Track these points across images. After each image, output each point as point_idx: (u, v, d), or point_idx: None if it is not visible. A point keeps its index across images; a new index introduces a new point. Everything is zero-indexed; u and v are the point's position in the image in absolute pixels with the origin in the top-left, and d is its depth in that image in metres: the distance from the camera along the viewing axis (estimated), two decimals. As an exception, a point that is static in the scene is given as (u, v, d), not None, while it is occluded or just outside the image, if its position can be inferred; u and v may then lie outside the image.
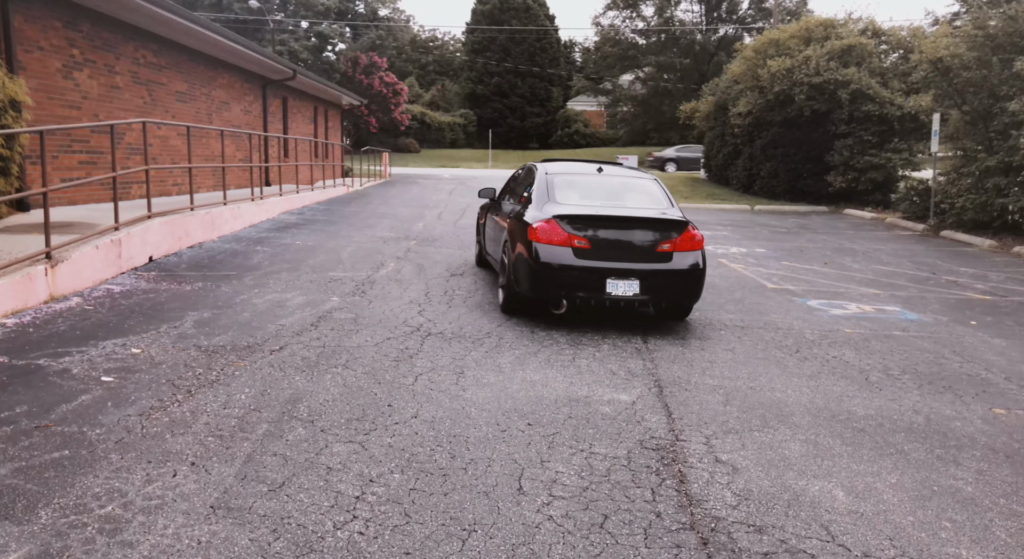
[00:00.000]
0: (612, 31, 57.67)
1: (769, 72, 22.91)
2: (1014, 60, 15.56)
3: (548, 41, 75.03)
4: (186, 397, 5.40)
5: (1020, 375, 6.78)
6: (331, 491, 4.11)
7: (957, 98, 16.87)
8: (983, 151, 16.63)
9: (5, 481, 4.06)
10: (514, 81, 71.24)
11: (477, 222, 11.50)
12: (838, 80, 21.67)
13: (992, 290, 10.92)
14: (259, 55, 18.10)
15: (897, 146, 21.54)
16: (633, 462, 4.61)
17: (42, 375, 5.69)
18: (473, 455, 4.63)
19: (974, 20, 16.77)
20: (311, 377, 5.93)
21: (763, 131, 24.37)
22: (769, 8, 55.80)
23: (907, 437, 5.15)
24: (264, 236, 13.04)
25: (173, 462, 4.37)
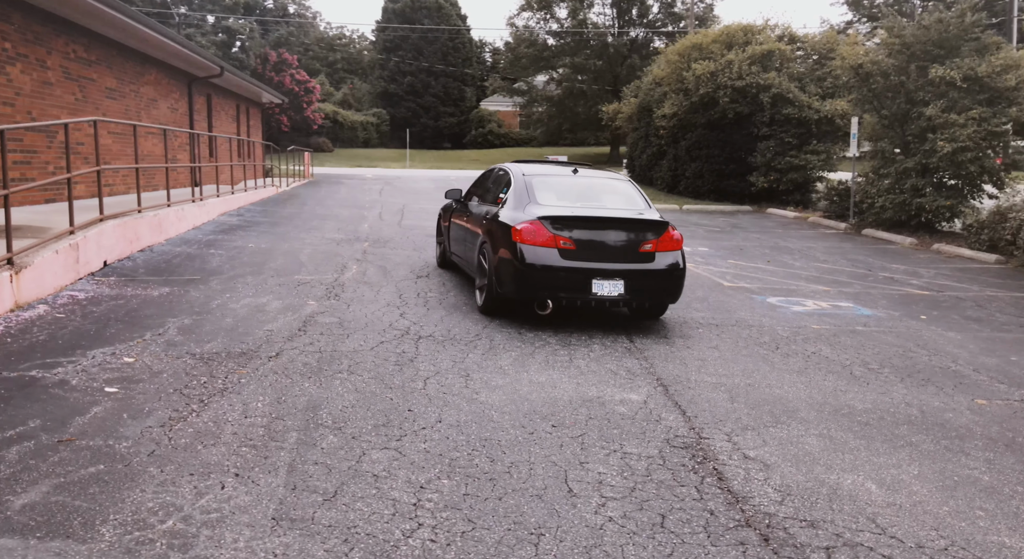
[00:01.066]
0: (527, 32, 58.07)
1: (694, 75, 23.55)
2: (928, 67, 16.47)
3: (461, 41, 74.98)
4: (201, 407, 5.27)
5: (986, 367, 7.22)
6: (386, 499, 4.10)
7: (876, 103, 17.73)
8: (901, 153, 17.52)
9: (50, 498, 3.90)
10: (427, 80, 70.94)
11: (439, 224, 11.49)
12: (760, 84, 22.46)
13: (927, 286, 11.56)
14: (188, 50, 17.56)
15: (815, 148, 22.47)
16: (668, 461, 4.74)
17: (41, 387, 5.46)
18: (511, 458, 4.68)
19: (889, 29, 17.64)
20: (320, 383, 5.86)
21: (688, 132, 25.03)
22: (678, 13, 57.17)
23: (910, 429, 5.44)
24: (212, 239, 12.69)
25: (216, 474, 4.27)
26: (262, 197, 20.75)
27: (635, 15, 57.92)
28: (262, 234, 13.55)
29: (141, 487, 4.09)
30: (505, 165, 9.72)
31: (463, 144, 69.97)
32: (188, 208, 13.41)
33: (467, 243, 9.50)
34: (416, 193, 25.53)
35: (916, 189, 16.78)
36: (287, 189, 24.69)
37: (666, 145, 26.40)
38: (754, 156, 23.24)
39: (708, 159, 24.38)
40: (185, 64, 19.54)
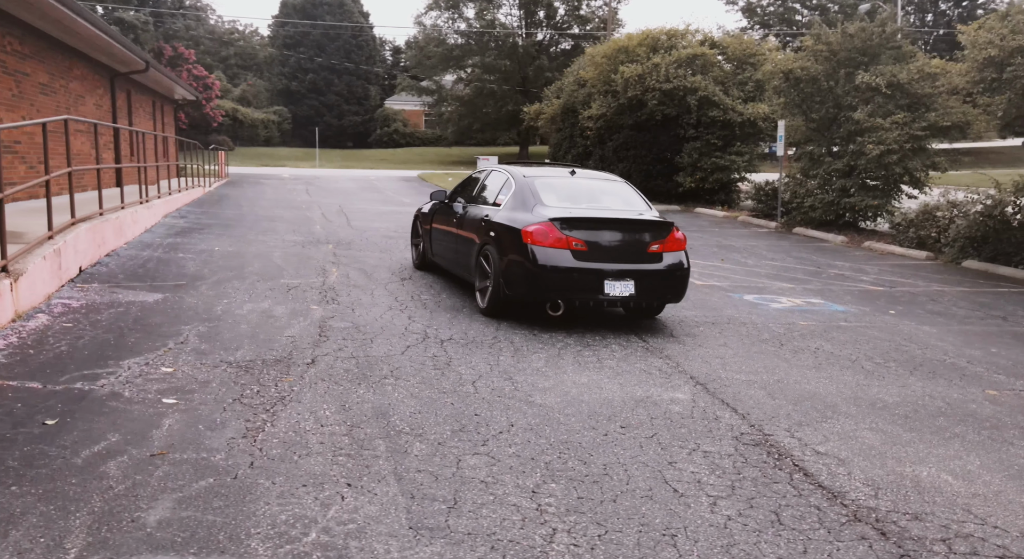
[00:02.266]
0: (435, 31, 57.91)
1: (622, 77, 24.08)
2: (855, 74, 17.40)
3: (364, 38, 74.05)
4: (271, 417, 5.16)
5: (975, 359, 7.73)
6: (506, 504, 4.12)
7: (805, 107, 18.60)
8: (828, 155, 18.44)
9: (180, 513, 3.79)
10: (330, 78, 69.76)
11: (414, 226, 11.42)
12: (687, 87, 23.16)
13: (878, 282, 12.23)
14: (118, 43, 16.81)
15: (739, 149, 23.34)
16: (749, 459, 4.91)
17: (97, 400, 5.24)
18: (601, 461, 4.75)
19: (816, 37, 18.53)
20: (373, 390, 5.81)
21: (615, 133, 25.56)
22: (585, 16, 58.07)
23: (947, 421, 5.78)
24: (172, 242, 12.25)
25: (328, 485, 4.22)
26: (194, 198, 20.07)
27: (542, 17, 58.55)
28: (219, 237, 13.15)
29: (263, 499, 4.01)
30: (498, 166, 9.79)
31: (368, 143, 69.13)
32: (140, 210, 12.90)
33: (459, 245, 9.51)
34: (345, 193, 25.19)
35: (844, 189, 17.69)
36: (212, 189, 23.94)
37: (592, 146, 26.87)
38: (681, 157, 23.95)
39: (636, 159, 24.97)
40: (108, 58, 18.70)
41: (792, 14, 63.44)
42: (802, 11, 63.67)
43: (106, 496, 3.95)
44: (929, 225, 15.56)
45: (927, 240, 15.51)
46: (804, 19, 62.04)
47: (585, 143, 27.22)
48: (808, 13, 64.13)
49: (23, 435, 4.63)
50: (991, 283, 12.59)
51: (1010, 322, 9.64)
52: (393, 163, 54.88)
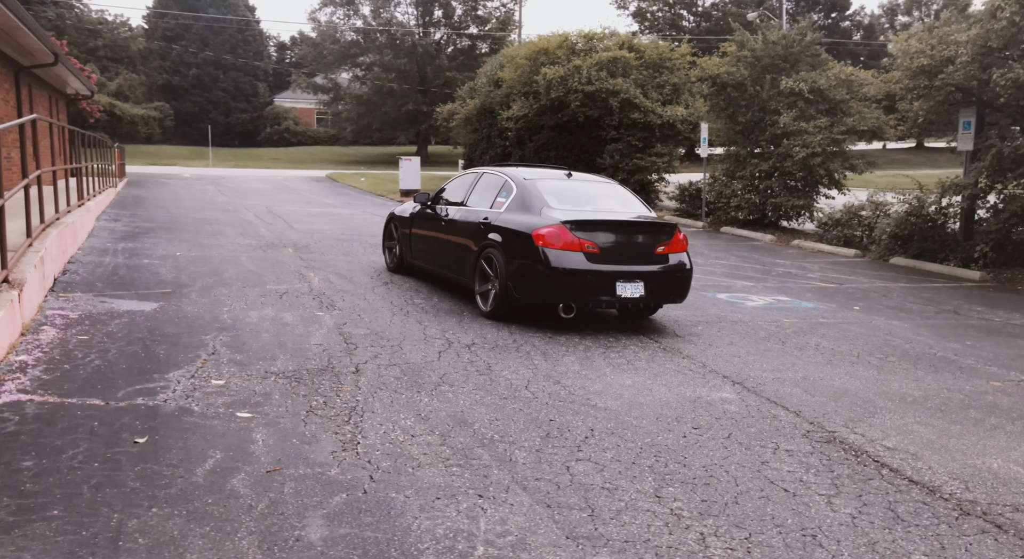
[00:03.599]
0: (331, 28, 56.85)
1: (545, 79, 24.36)
2: (779, 79, 18.26)
3: (251, 33, 71.97)
4: (356, 428, 5.06)
5: (960, 352, 8.23)
6: (641, 509, 4.15)
7: (731, 110, 19.37)
8: (753, 157, 19.26)
9: (337, 531, 3.68)
10: (215, 74, 67.45)
11: (388, 229, 11.26)
12: (609, 89, 23.65)
13: (826, 279, 12.90)
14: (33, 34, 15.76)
15: (659, 151, 24.04)
16: (831, 456, 5.07)
17: (171, 416, 5.01)
18: (698, 462, 4.84)
19: (740, 43, 19.33)
20: (437, 398, 5.75)
21: (535, 134, 25.83)
22: (483, 16, 58.27)
23: (979, 413, 6.14)
24: (127, 247, 11.66)
25: (462, 497, 4.17)
26: (110, 200, 19.07)
27: (440, 16, 58.42)
28: (171, 241, 12.59)
29: (408, 513, 3.95)
30: (490, 169, 9.79)
31: (257, 142, 67.15)
32: (84, 214, 12.21)
33: (450, 249, 9.47)
34: (261, 195, 24.49)
35: (770, 190, 18.54)
36: (121, 190, 22.80)
37: (512, 146, 27.05)
38: (602, 158, 24.43)
39: (557, 160, 25.26)
40: (14, 50, 17.52)
41: (680, 19, 65.66)
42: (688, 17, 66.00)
43: (253, 515, 3.81)
44: (855, 224, 16.52)
45: (853, 239, 16.46)
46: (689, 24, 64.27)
47: (504, 144, 27.37)
48: (693, 19, 66.43)
49: (123, 454, 4.39)
50: (924, 278, 13.48)
51: (963, 315, 10.37)
52: (287, 163, 53.58)
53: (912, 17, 72.17)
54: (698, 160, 23.21)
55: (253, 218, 17.17)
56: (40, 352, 6.10)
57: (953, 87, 13.25)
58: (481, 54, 57.52)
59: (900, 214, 15.17)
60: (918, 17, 71.75)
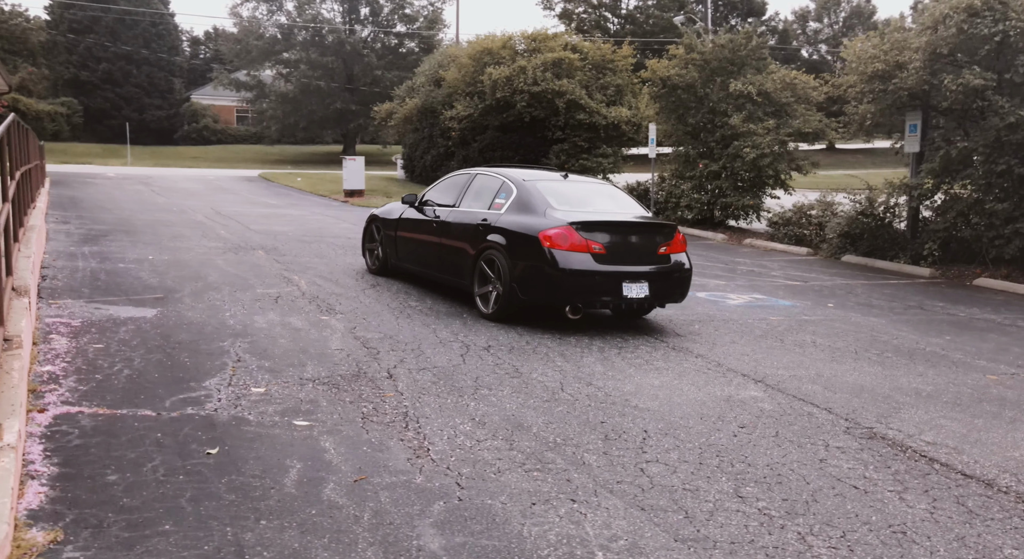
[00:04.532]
0: (254, 23, 55.48)
1: (490, 79, 24.39)
2: (729, 82, 18.73)
3: (166, 26, 69.74)
4: (418, 435, 5.01)
5: (944, 346, 8.56)
6: (731, 510, 4.23)
7: (681, 111, 19.75)
8: (704, 157, 19.67)
9: (453, 539, 3.65)
10: (128, 68, 65.09)
11: (372, 231, 11.10)
12: (555, 90, 23.85)
13: (790, 277, 13.30)
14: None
15: (604, 151, 24.35)
16: (881, 452, 5.24)
17: (228, 426, 4.89)
18: (762, 461, 4.95)
19: (688, 46, 19.73)
20: (482, 401, 5.72)
21: (480, 134, 25.84)
22: (411, 15, 57.81)
23: (992, 406, 6.41)
24: (93, 251, 11.19)
25: (556, 502, 4.18)
26: (47, 200, 18.23)
27: (367, 14, 57.68)
28: (135, 245, 12.13)
29: (515, 520, 3.94)
30: (486, 170, 9.76)
31: (174, 140, 65.05)
32: (39, 216, 11.67)
33: (443, 251, 9.41)
34: (198, 195, 23.77)
35: (720, 190, 19.00)
36: (51, 190, 21.81)
37: (455, 146, 27.00)
38: (548, 158, 24.60)
39: (502, 160, 25.33)
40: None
41: (604, 21, 66.57)
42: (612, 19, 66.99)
43: (363, 526, 3.76)
44: (806, 223, 17.09)
45: (804, 237, 17.01)
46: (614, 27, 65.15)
47: (447, 144, 27.29)
48: (617, 21, 67.41)
49: (202, 466, 4.27)
50: (879, 275, 14.04)
51: (928, 311, 10.84)
52: (210, 162, 52.10)
53: (822, 23, 74.91)
54: (643, 161, 23.63)
55: (204, 220, 16.67)
56: (63, 362, 5.84)
57: (905, 91, 13.83)
58: (410, 53, 57.12)
59: (851, 213, 15.75)
60: (827, 24, 74.58)
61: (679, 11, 60.88)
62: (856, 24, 74.54)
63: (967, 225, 14.03)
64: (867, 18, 74.57)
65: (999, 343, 8.96)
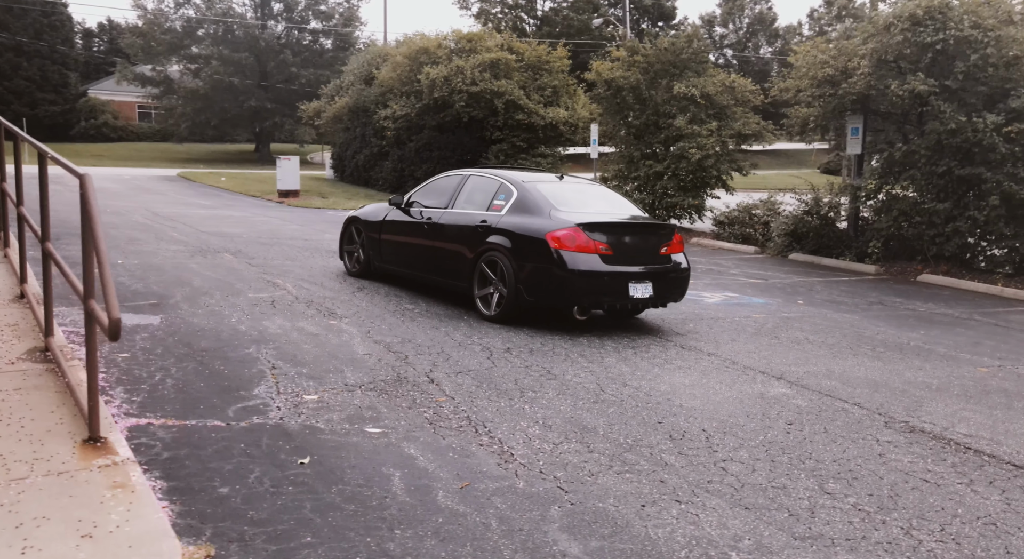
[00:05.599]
0: (159, 16, 53.39)
1: (428, 78, 24.24)
2: (673, 84, 19.14)
3: (59, 17, 66.48)
4: (493, 439, 4.97)
5: (926, 341, 8.95)
6: (826, 507, 4.36)
7: (625, 112, 20.07)
8: (646, 159, 20.04)
9: (589, 544, 3.66)
10: (17, 61, 61.69)
11: (352, 233, 10.88)
12: (494, 90, 23.88)
13: (748, 275, 13.70)
14: None
15: (543, 152, 24.53)
16: (928, 445, 5.45)
17: (303, 434, 4.78)
18: (827, 457, 5.10)
19: (631, 49, 20.08)
20: (534, 403, 5.72)
21: (416, 134, 25.63)
22: (326, 11, 56.77)
23: (1001, 398, 6.74)
24: (53, 255, 10.62)
25: (662, 503, 4.21)
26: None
27: (281, 9, 56.35)
28: (94, 247, 11.58)
29: (636, 522, 3.96)
30: (479, 171, 9.71)
31: (70, 137, 62.07)
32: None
33: (437, 253, 9.34)
34: (123, 195, 22.83)
35: (666, 190, 19.41)
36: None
37: (389, 146, 26.71)
38: (487, 158, 24.63)
39: (440, 161, 25.22)
40: None
41: (521, 22, 66.93)
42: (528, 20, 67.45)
43: (496, 532, 3.73)
44: (751, 222, 17.64)
45: (750, 236, 17.56)
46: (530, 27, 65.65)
47: (381, 143, 26.98)
48: (533, 22, 67.93)
49: (304, 476, 4.18)
50: (830, 273, 14.61)
51: (890, 307, 11.34)
52: (115, 160, 49.97)
53: (727, 29, 77.33)
54: (580, 160, 23.92)
55: (147, 222, 16.04)
56: (106, 373, 5.54)
57: (854, 95, 14.45)
58: (327, 51, 56.17)
59: (797, 213, 16.36)
60: (732, 30, 77.06)
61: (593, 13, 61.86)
62: (759, 30, 77.39)
63: (909, 224, 14.74)
64: (769, 24, 77.47)
65: (969, 337, 9.45)
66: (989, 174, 13.51)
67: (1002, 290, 13.09)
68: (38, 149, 5.21)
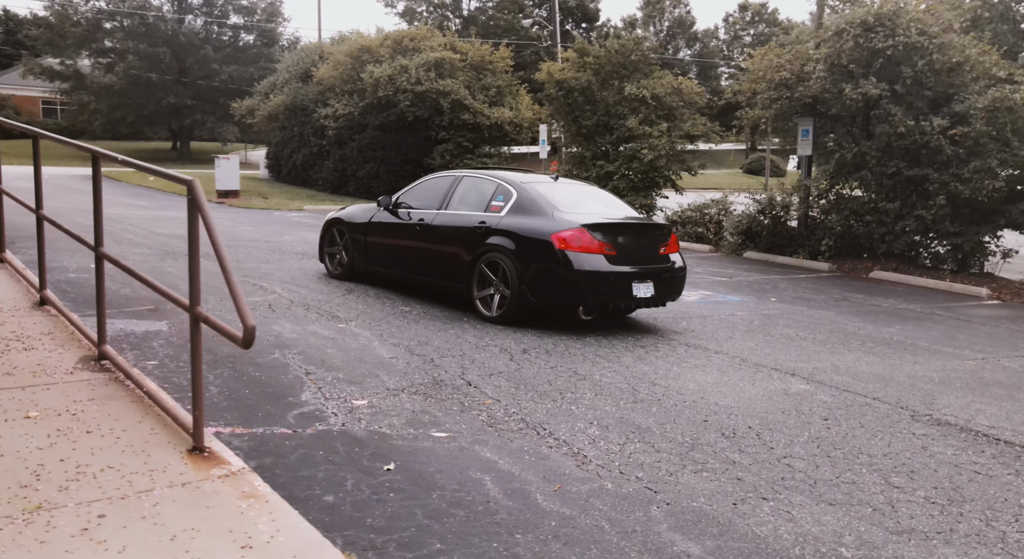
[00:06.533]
0: (69, 7, 51.10)
1: (372, 77, 23.93)
2: (624, 86, 19.40)
3: (-51, 7, 63.18)
4: (558, 441, 4.97)
5: (905, 336, 9.29)
6: (903, 500, 4.50)
7: (576, 113, 20.23)
8: (597, 159, 20.25)
9: (719, 543, 3.72)
10: (-98, 54, 58.42)
11: (334, 235, 10.68)
12: (439, 90, 23.75)
13: (713, 273, 13.99)
14: None
15: (489, 151, 24.53)
16: (959, 437, 5.68)
17: (371, 440, 4.70)
18: (877, 451, 5.26)
19: (580, 51, 20.25)
20: (580, 405, 5.74)
21: (359, 133, 25.28)
22: (248, 6, 55.36)
23: (1002, 389, 7.06)
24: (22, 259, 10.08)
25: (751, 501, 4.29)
26: None
27: (200, 3, 54.67)
28: (57, 252, 11.01)
29: (738, 520, 4.01)
30: (473, 172, 9.64)
31: (-34, 133, 58.87)
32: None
33: (431, 254, 9.25)
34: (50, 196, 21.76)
35: (618, 190, 19.64)
36: None
37: (330, 146, 26.28)
38: (432, 158, 24.48)
39: (384, 161, 24.97)
40: None
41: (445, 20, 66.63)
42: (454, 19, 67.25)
43: (613, 535, 3.73)
44: (704, 222, 18.03)
45: (703, 235, 17.95)
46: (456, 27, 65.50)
47: (321, 143, 26.52)
48: (458, 22, 67.82)
49: (397, 482, 4.15)
50: (787, 270, 15.04)
51: (855, 303, 11.74)
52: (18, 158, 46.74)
53: (649, 31, 78.77)
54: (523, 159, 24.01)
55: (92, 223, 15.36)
56: (138, 383, 5.32)
57: (810, 98, 14.94)
58: (249, 47, 54.82)
59: (750, 212, 16.81)
60: (653, 32, 78.53)
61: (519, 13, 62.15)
62: (678, 33, 79.13)
63: (860, 223, 15.32)
64: (688, 28, 79.35)
65: (940, 331, 9.87)
66: (936, 175, 14.15)
67: (951, 285, 13.73)
68: (91, 151, 4.96)
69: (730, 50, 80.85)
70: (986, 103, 13.77)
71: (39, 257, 6.41)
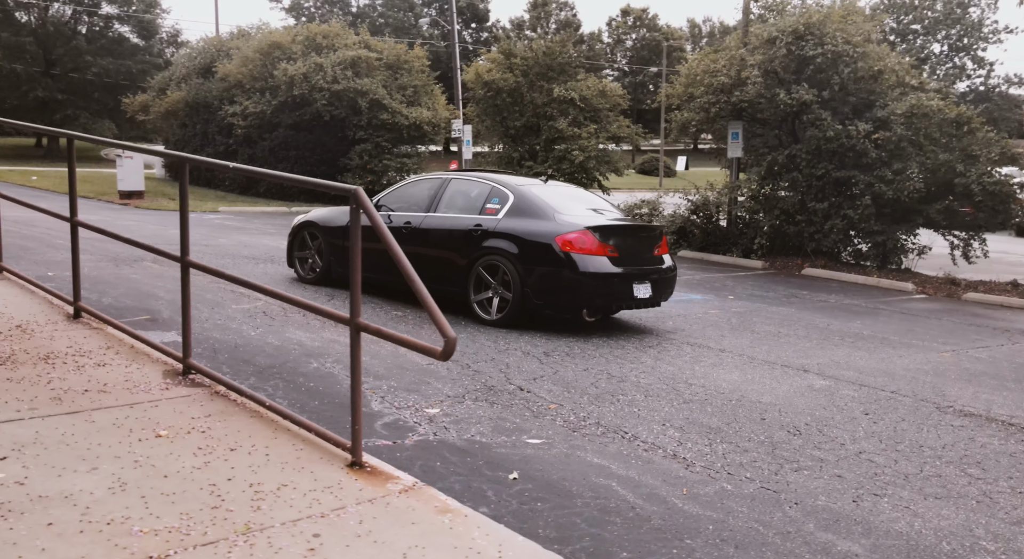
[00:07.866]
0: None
1: (286, 75, 23.20)
2: (553, 87, 19.58)
3: None
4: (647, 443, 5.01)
5: (873, 330, 9.70)
6: (1000, 492, 4.71)
7: (505, 113, 20.25)
8: (525, 159, 20.34)
9: (861, 542, 3.82)
10: None
11: (306, 240, 10.28)
12: (357, 89, 23.25)
13: (660, 273, 14.37)
14: None
15: (408, 151, 24.21)
16: (988, 427, 5.97)
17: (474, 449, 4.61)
18: (933, 443, 5.50)
19: (507, 53, 20.31)
20: (637, 406, 5.78)
21: (270, 132, 24.46)
22: (152, 0, 52.53)
23: (993, 380, 7.47)
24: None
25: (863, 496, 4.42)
26: None
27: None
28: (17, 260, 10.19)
29: (872, 517, 4.13)
30: (463, 174, 9.51)
31: None
32: None
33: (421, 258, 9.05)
34: None
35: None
36: None
37: (238, 145, 25.32)
38: (350, 158, 23.95)
39: (298, 161, 24.24)
40: None
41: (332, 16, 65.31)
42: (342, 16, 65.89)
43: (769, 535, 3.79)
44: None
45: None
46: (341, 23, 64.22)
47: (228, 142, 25.51)
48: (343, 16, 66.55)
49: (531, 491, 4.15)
50: (725, 268, 15.51)
51: (805, 299, 12.22)
52: None
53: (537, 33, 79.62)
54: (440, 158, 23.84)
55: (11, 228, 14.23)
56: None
57: (746, 102, 15.50)
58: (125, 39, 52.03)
59: (682, 212, 17.28)
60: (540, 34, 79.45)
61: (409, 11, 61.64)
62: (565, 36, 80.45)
63: (791, 222, 16.02)
64: (575, 30, 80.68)
65: (898, 325, 10.38)
66: (862, 176, 14.94)
67: (878, 281, 14.52)
68: (176, 157, 4.59)
69: (613, 53, 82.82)
70: (904, 109, 14.66)
71: (73, 269, 5.93)
